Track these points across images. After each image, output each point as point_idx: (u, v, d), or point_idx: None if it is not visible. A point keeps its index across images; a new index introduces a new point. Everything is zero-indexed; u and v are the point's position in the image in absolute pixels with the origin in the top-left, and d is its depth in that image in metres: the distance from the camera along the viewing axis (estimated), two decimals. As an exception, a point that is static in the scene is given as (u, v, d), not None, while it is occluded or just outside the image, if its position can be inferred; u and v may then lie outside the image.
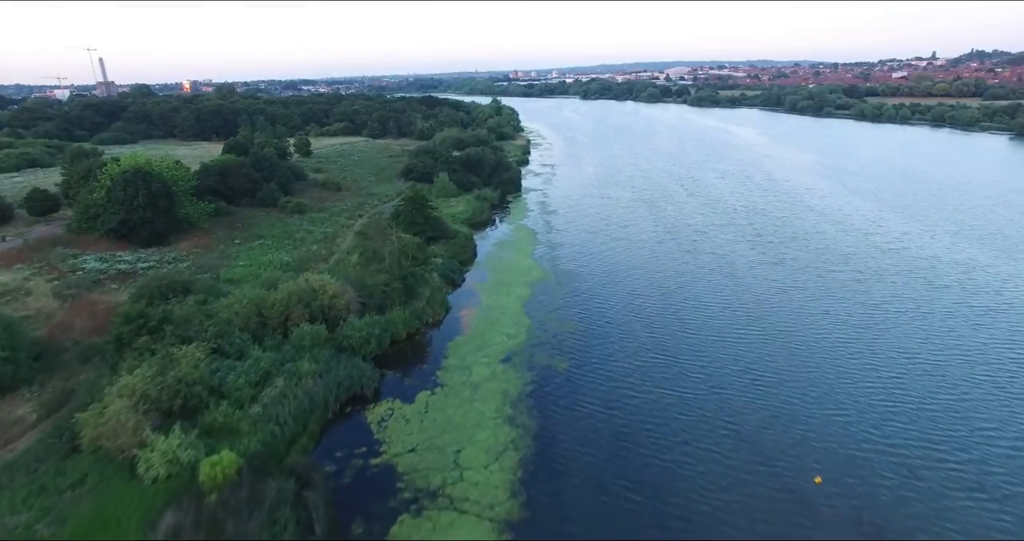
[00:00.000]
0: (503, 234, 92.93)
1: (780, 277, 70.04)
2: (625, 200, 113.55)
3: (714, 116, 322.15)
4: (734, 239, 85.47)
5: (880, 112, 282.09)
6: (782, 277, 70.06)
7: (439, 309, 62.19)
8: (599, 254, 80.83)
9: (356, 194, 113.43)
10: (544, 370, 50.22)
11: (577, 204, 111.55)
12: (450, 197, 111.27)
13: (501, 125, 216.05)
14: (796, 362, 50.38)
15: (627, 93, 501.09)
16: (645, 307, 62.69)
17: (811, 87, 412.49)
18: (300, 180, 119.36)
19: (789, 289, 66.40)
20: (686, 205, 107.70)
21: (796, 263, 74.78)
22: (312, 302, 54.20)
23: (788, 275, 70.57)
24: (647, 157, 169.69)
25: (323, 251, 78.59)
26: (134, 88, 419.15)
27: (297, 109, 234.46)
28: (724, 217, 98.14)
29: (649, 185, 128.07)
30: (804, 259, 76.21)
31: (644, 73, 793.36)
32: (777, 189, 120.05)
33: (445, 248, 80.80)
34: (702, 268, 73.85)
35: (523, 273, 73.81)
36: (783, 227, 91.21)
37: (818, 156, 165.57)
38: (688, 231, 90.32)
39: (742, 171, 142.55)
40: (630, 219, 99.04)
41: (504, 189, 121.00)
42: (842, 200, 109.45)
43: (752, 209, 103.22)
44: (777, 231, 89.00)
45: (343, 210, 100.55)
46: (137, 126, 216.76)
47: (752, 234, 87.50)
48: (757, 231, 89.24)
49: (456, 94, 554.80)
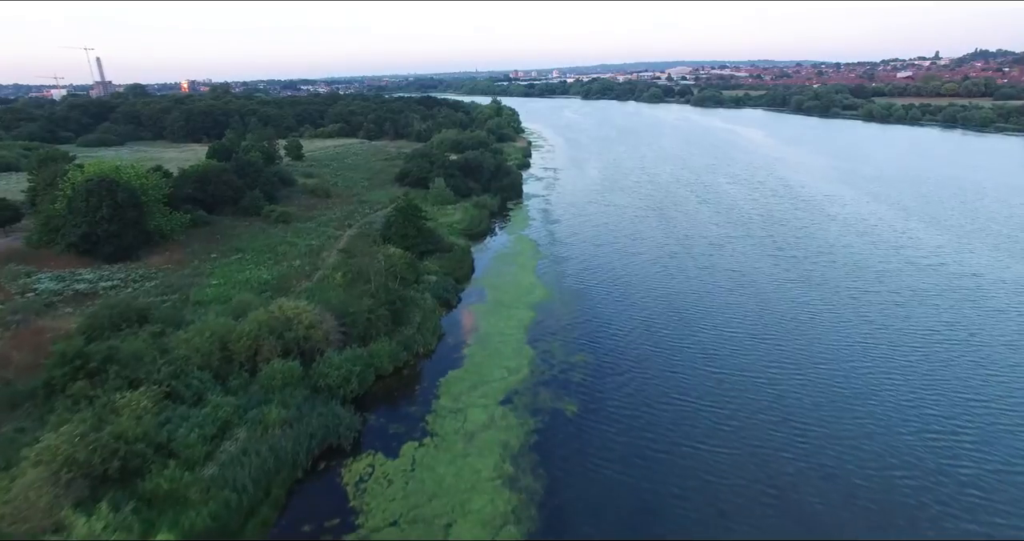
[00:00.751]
0: (503, 246, 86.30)
1: (809, 298, 63.35)
2: (633, 207, 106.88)
3: (719, 116, 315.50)
4: (753, 253, 78.79)
5: (889, 112, 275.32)
6: (811, 298, 63.38)
7: (431, 337, 55.53)
8: (607, 270, 74.17)
9: (347, 201, 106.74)
10: (550, 415, 43.56)
11: (582, 212, 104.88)
12: (447, 204, 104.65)
13: (501, 126, 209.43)
14: (841, 406, 43.73)
15: (629, 93, 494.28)
16: (662, 334, 56.02)
17: (816, 87, 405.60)
18: (288, 186, 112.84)
19: (821, 313, 59.73)
20: (698, 213, 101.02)
21: (825, 282, 68.07)
22: (285, 333, 47.57)
23: (818, 296, 63.87)
24: (653, 160, 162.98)
25: (306, 267, 71.92)
26: (128, 88, 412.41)
27: (292, 110, 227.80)
28: (740, 227, 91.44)
29: (657, 191, 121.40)
30: (833, 277, 69.50)
31: (645, 73, 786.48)
32: (793, 195, 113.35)
33: (440, 263, 74.19)
34: (721, 288, 67.15)
35: (525, 292, 67.15)
36: (805, 239, 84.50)
37: (831, 159, 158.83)
38: (702, 243, 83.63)
39: (754, 175, 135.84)
40: (639, 229, 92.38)
41: (504, 195, 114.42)
42: (864, 208, 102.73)
43: (769, 218, 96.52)
44: (800, 244, 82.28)
45: (331, 219, 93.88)
46: (126, 127, 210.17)
47: (773, 248, 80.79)
48: (778, 244, 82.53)
49: (456, 94, 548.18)
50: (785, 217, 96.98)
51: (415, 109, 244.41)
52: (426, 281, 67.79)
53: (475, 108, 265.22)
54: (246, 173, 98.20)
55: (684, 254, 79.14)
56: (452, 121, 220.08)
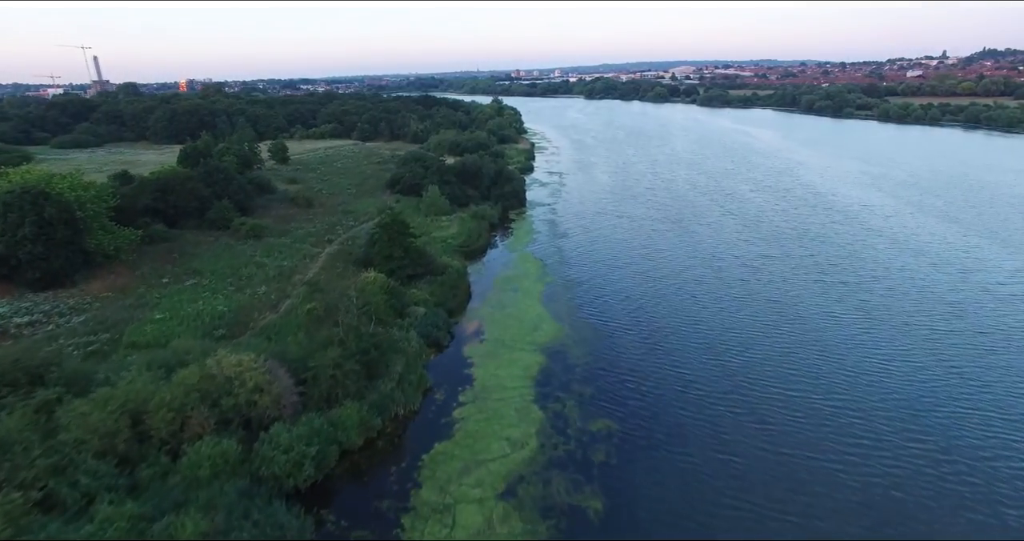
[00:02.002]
0: (504, 266, 75.44)
1: (874, 340, 52.40)
2: (648, 219, 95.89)
3: (727, 117, 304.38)
4: (795, 278, 67.76)
5: (907, 112, 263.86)
6: (877, 340, 52.43)
7: (414, 393, 44.67)
8: (626, 300, 63.22)
9: (330, 211, 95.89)
10: (567, 516, 32.74)
11: (592, 224, 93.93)
12: (442, 215, 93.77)
13: (503, 127, 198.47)
14: (941, 484, 32.88)
15: (633, 92, 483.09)
16: (699, 391, 45.13)
17: (827, 86, 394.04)
18: (267, 193, 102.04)
19: (892, 359, 48.80)
20: (723, 227, 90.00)
21: (888, 316, 57.05)
22: (223, 399, 36.79)
23: (885, 337, 52.88)
24: (666, 164, 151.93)
25: (272, 295, 61.15)
26: (121, 87, 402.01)
27: (283, 109, 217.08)
28: (774, 245, 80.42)
29: (674, 199, 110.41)
30: (897, 310, 58.43)
31: (648, 72, 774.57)
32: (826, 205, 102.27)
33: (430, 290, 63.34)
34: (765, 325, 56.15)
35: (530, 328, 56.26)
36: (852, 260, 73.47)
37: (857, 163, 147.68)
38: (734, 265, 72.66)
39: (778, 182, 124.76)
40: (658, 246, 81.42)
41: (506, 204, 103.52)
42: (910, 220, 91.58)
43: (805, 233, 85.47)
44: (846, 266, 71.25)
45: (310, 234, 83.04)
46: (107, 128, 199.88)
47: (816, 271, 69.74)
48: (821, 266, 71.50)
49: (457, 93, 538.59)
50: (823, 232, 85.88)
51: (413, 109, 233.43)
52: (412, 314, 56.98)
53: (476, 108, 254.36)
54: (215, 180, 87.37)
55: (714, 279, 68.18)
56: (451, 121, 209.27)
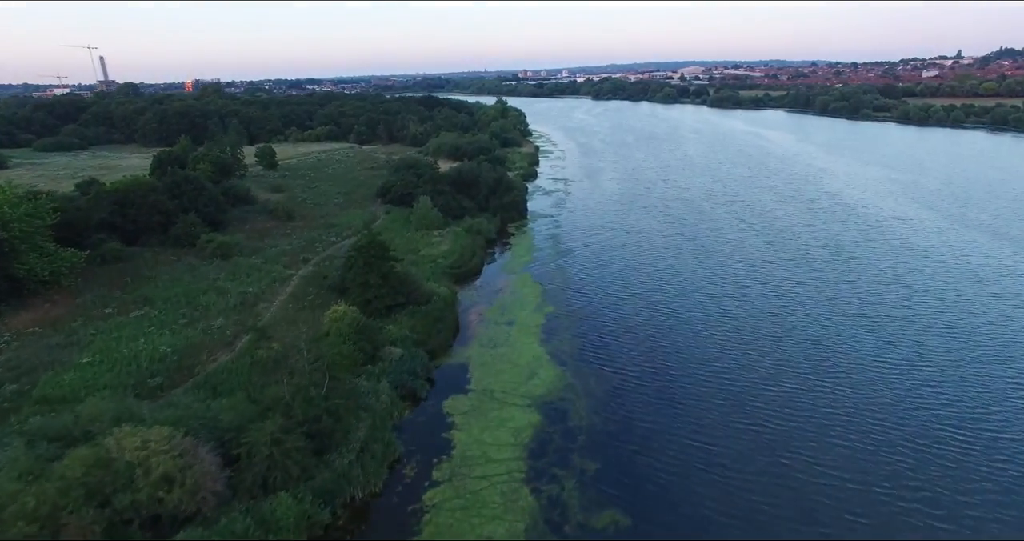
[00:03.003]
0: (499, 290, 66.80)
1: (949, 396, 43.37)
2: (661, 235, 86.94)
3: (739, 118, 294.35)
4: (833, 311, 58.49)
5: (928, 114, 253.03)
6: (952, 395, 43.41)
7: (377, 469, 36.07)
8: (637, 337, 54.39)
9: (312, 224, 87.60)
10: None
11: (599, 240, 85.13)
12: (433, 229, 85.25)
13: (506, 130, 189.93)
14: None
15: (641, 93, 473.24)
16: (729, 470, 36.33)
17: (841, 87, 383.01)
18: (245, 204, 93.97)
19: (980, 420, 39.82)
20: (745, 246, 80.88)
21: (961, 367, 47.86)
22: (118, 496, 28.39)
23: (962, 392, 43.84)
24: (679, 170, 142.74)
25: (229, 330, 52.82)
26: (121, 87, 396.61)
27: (279, 111, 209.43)
28: (805, 267, 71.29)
29: (688, 211, 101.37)
30: (968, 357, 49.22)
31: (657, 73, 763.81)
32: (858, 220, 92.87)
33: (412, 323, 54.82)
34: (806, 376, 47.13)
35: (526, 374, 47.62)
36: (899, 289, 64.02)
37: (884, 169, 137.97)
38: (760, 294, 63.58)
39: (801, 191, 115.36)
40: (672, 268, 72.51)
41: (505, 216, 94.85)
42: (957, 238, 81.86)
43: (838, 254, 76.24)
44: (894, 297, 61.81)
45: (285, 252, 74.71)
46: (96, 130, 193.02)
47: (857, 302, 60.43)
48: (862, 296, 62.26)
49: (463, 94, 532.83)
50: (857, 251, 76.59)
51: (414, 110, 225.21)
52: (387, 357, 48.46)
53: (479, 109, 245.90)
54: (182, 191, 79.27)
55: (737, 311, 59.14)
56: (452, 123, 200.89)
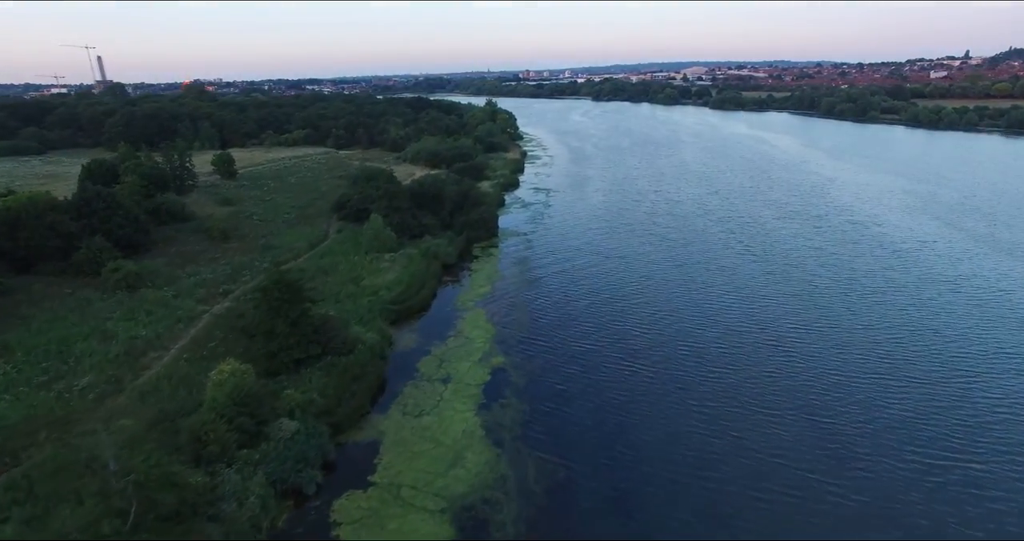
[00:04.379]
0: (444, 332, 56.06)
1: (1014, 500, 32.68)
2: (645, 261, 75.98)
3: (742, 121, 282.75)
4: (853, 374, 47.12)
5: (939, 116, 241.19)
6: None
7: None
8: (603, 407, 43.60)
9: (249, 246, 77.11)
10: None
11: (572, 267, 74.39)
12: (385, 251, 74.65)
13: (492, 133, 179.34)
14: None
15: (642, 94, 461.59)
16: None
17: (847, 88, 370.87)
18: (181, 222, 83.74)
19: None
20: (742, 276, 69.77)
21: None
22: None
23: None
24: (673, 179, 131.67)
25: (94, 392, 42.31)
26: (107, 87, 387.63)
27: (255, 113, 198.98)
28: (813, 307, 60.04)
29: (680, 229, 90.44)
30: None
31: (659, 73, 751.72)
32: (873, 242, 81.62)
33: (324, 381, 44.30)
34: (818, 469, 36.43)
35: (449, 460, 36.94)
36: (932, 339, 52.60)
37: (897, 178, 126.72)
38: (760, 345, 52.50)
39: (807, 205, 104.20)
40: (656, 305, 61.60)
41: (472, 234, 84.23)
42: (992, 267, 70.08)
43: (852, 287, 65.01)
44: (927, 351, 50.39)
45: (205, 281, 64.21)
46: (62, 133, 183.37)
47: (883, 360, 49.04)
48: (886, 350, 50.93)
49: (463, 94, 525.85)
50: (875, 285, 65.34)
51: (400, 112, 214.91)
52: (276, 434, 37.87)
53: (469, 111, 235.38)
54: (93, 210, 68.88)
55: (737, 368, 48.20)
56: (437, 127, 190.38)
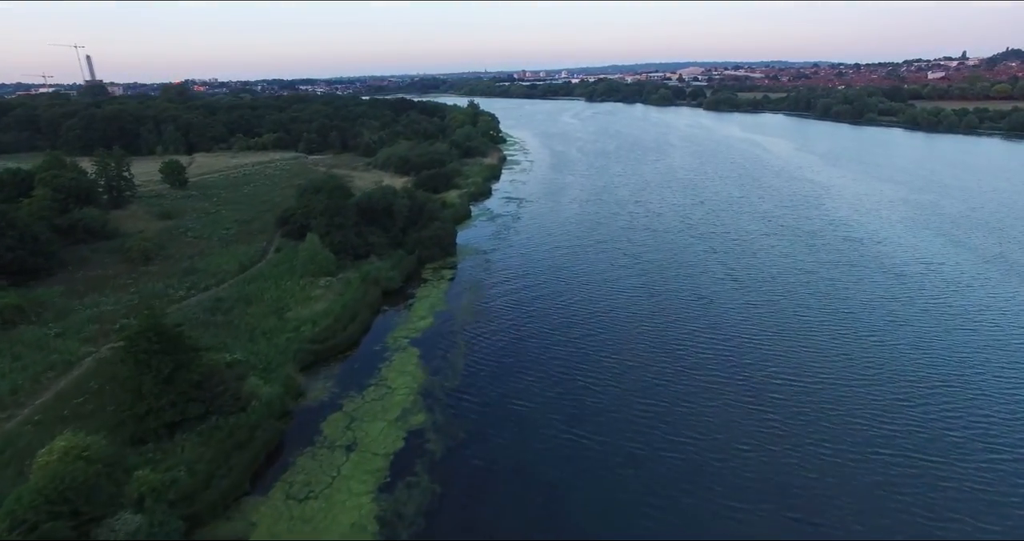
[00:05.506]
0: (364, 380, 47.55)
1: None
2: (614, 288, 67.27)
3: (735, 123, 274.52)
4: (859, 440, 39.13)
5: (938, 119, 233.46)
6: None
7: None
8: (552, 482, 35.25)
9: (171, 269, 68.48)
10: None
11: (531, 295, 65.93)
12: (321, 275, 66.14)
13: (471, 137, 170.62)
14: None
15: (636, 95, 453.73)
16: None
17: (844, 89, 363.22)
18: (102, 240, 75.34)
19: None
20: (722, 309, 61.09)
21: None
22: None
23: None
24: (657, 188, 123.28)
25: None
26: (86, 87, 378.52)
27: (225, 116, 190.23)
28: (805, 346, 51.68)
29: (658, 248, 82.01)
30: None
31: (655, 74, 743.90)
32: (871, 263, 73.14)
33: (198, 451, 35.86)
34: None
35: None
36: (938, 388, 44.68)
37: (896, 187, 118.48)
38: (747, 398, 44.22)
39: (799, 218, 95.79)
40: (625, 348, 53.15)
41: (425, 253, 75.79)
42: (1009, 296, 61.85)
43: (849, 322, 56.53)
44: (937, 405, 42.44)
45: (103, 315, 55.61)
46: (19, 135, 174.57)
47: (880, 415, 41.04)
48: (886, 406, 42.76)
49: (457, 95, 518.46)
50: (875, 318, 56.80)
51: (380, 115, 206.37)
52: (110, 533, 29.40)
53: (451, 113, 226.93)
54: (-21, 230, 60.38)
55: (707, 437, 39.81)
56: (415, 130, 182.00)
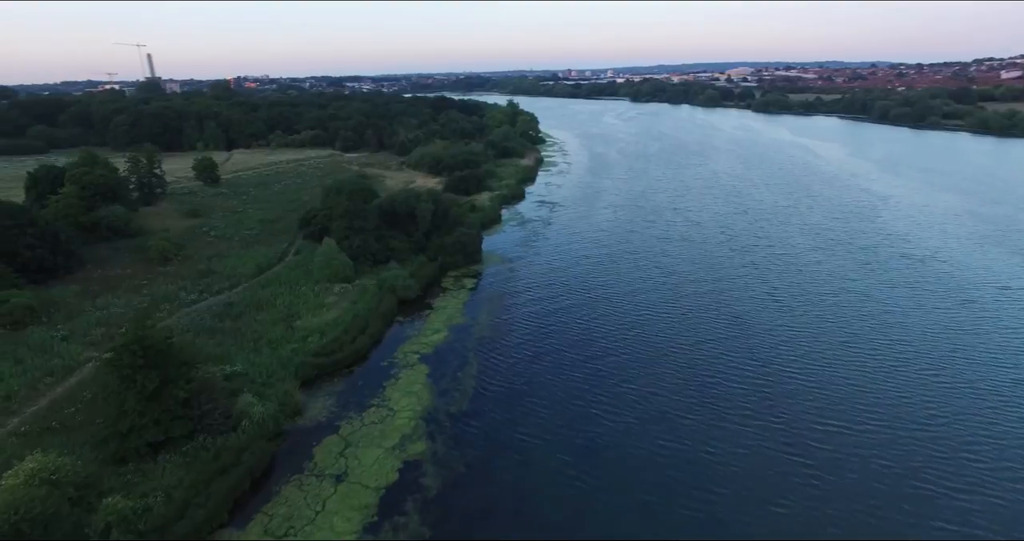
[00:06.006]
0: (366, 399, 44.41)
1: None
2: (645, 306, 62.30)
3: (785, 125, 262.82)
4: (931, 511, 33.90)
5: (1012, 122, 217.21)
6: None
7: None
8: (564, 529, 31.28)
9: (188, 270, 67.13)
10: None
11: (554, 309, 61.73)
12: (338, 281, 63.62)
13: (508, 137, 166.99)
14: None
15: (682, 95, 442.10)
16: None
17: (903, 90, 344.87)
18: (126, 238, 75.01)
19: None
20: (768, 331, 55.60)
21: None
22: None
23: None
24: (698, 194, 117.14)
25: None
26: (141, 84, 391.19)
27: (266, 113, 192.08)
28: (856, 384, 45.92)
29: (694, 262, 76.56)
30: None
31: (703, 74, 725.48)
32: (934, 285, 66.03)
33: (177, 475, 33.26)
34: None
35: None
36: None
37: (965, 198, 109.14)
38: (785, 447, 39.24)
39: (853, 232, 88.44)
40: (650, 376, 48.53)
41: (448, 260, 72.57)
42: None
43: (911, 355, 50.39)
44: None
45: (110, 317, 54.25)
46: (73, 131, 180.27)
47: (990, 500, 35.37)
48: (963, 487, 36.99)
49: (501, 93, 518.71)
50: (944, 356, 50.04)
51: (419, 113, 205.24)
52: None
53: (490, 112, 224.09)
54: (1, 228, 60.02)
55: (745, 492, 35.02)
56: (452, 129, 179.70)
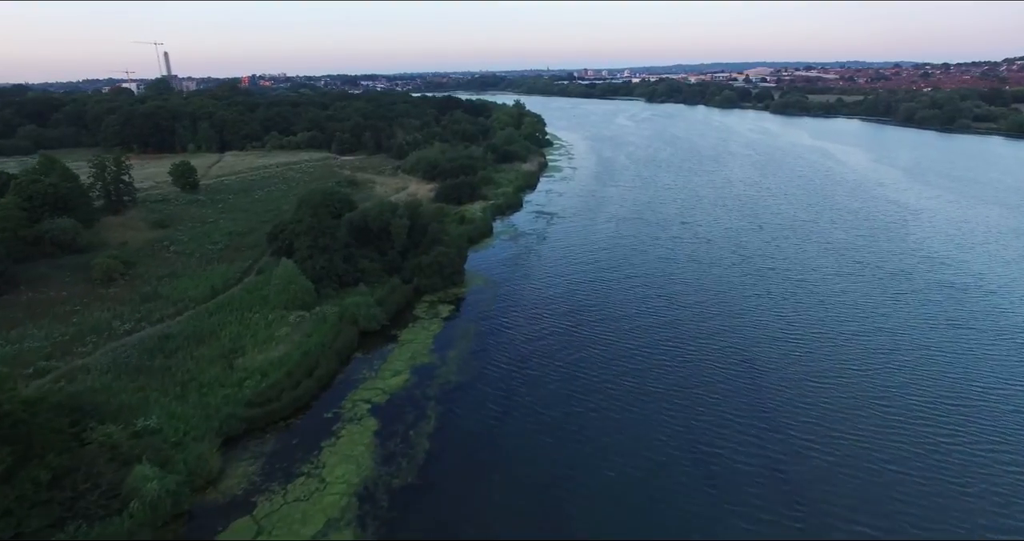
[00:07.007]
0: (292, 469, 37.01)
1: None
2: (641, 349, 53.93)
3: (805, 128, 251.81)
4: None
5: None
6: None
7: None
8: None
9: (132, 292, 60.26)
10: None
11: (536, 349, 53.97)
12: (294, 308, 56.35)
13: (511, 141, 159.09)
14: None
15: (698, 96, 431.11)
16: None
17: (930, 91, 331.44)
18: (72, 254, 68.39)
19: None
20: (783, 371, 47.79)
21: None
22: None
23: None
24: (709, 206, 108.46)
25: None
26: (151, 83, 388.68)
27: (264, 113, 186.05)
28: (903, 446, 37.96)
29: (702, 290, 68.42)
30: None
31: (721, 74, 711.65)
32: (979, 319, 57.48)
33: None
34: None
35: None
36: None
37: (1006, 212, 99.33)
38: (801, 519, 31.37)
39: (881, 253, 79.57)
40: (643, 425, 40.83)
41: (424, 282, 65.02)
42: None
43: (955, 405, 42.26)
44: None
45: (20, 354, 47.41)
46: (67, 130, 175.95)
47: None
48: None
49: (515, 93, 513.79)
50: (994, 406, 42.06)
51: (422, 113, 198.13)
52: None
53: (496, 112, 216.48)
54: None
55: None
56: (454, 131, 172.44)
